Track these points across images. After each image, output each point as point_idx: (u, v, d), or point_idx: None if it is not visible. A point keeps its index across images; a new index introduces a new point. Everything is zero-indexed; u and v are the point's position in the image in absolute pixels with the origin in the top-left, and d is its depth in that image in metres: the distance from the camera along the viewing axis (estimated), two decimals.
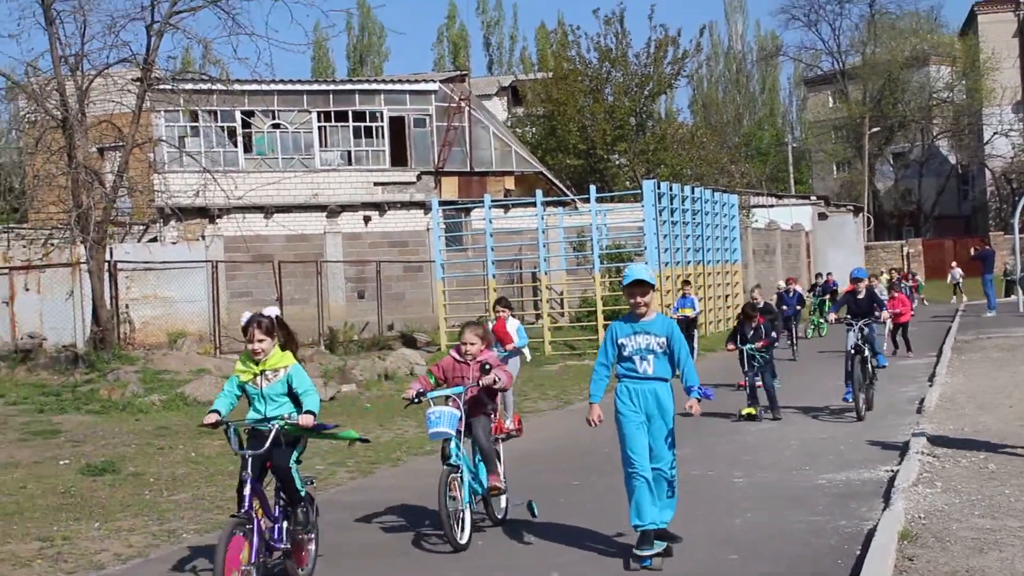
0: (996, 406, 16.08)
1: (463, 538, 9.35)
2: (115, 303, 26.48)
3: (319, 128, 38.75)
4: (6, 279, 28.55)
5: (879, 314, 17.10)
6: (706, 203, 35.66)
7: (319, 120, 38.73)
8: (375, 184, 38.94)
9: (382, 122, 39.26)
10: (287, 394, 8.35)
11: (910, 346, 26.05)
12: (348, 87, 40.57)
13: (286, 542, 8.30)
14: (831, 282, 34.57)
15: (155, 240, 34.96)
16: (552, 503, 11.12)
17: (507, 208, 36.68)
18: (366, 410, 19.66)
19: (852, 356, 16.24)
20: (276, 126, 38.38)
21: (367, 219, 38.45)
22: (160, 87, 26.64)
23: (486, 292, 31.17)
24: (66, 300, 27.48)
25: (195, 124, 37.25)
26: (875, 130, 75.51)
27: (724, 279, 37.35)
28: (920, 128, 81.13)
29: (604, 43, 49.44)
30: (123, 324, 27.65)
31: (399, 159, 39.51)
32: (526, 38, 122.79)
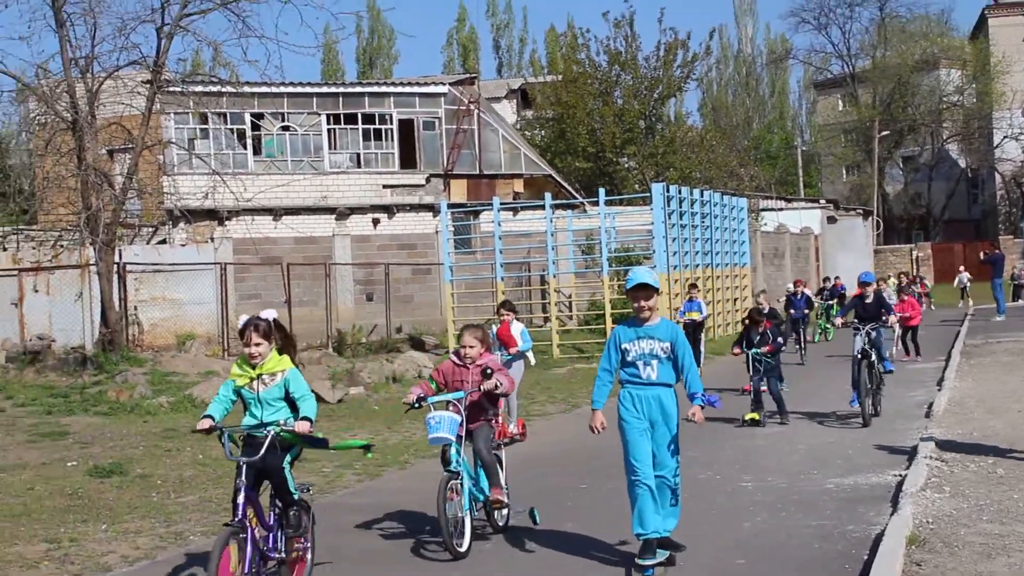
0: (1005, 410, 16.03)
1: (463, 546, 9.23)
2: (124, 305, 26.52)
3: (328, 130, 38.78)
4: (15, 281, 28.61)
5: (887, 319, 17.07)
6: (715, 206, 35.61)
7: (328, 122, 38.75)
8: (384, 187, 38.96)
9: (391, 125, 39.28)
10: (284, 399, 8.22)
11: (919, 350, 26.02)
12: (358, 90, 40.58)
13: (281, 551, 8.18)
14: (839, 286, 34.47)
15: (164, 242, 35.02)
16: (560, 506, 11.12)
17: (516, 211, 36.68)
18: (373, 412, 19.68)
19: (859, 361, 16.14)
20: (285, 128, 38.41)
21: (376, 221, 38.47)
22: (170, 89, 26.71)
23: (494, 295, 31.16)
24: (75, 302, 27.53)
25: (204, 126, 37.31)
26: (885, 133, 75.46)
27: (733, 282, 37.31)
28: (930, 132, 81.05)
29: (614, 46, 49.48)
30: (132, 326, 27.69)
31: (408, 162, 39.54)
32: (536, 41, 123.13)
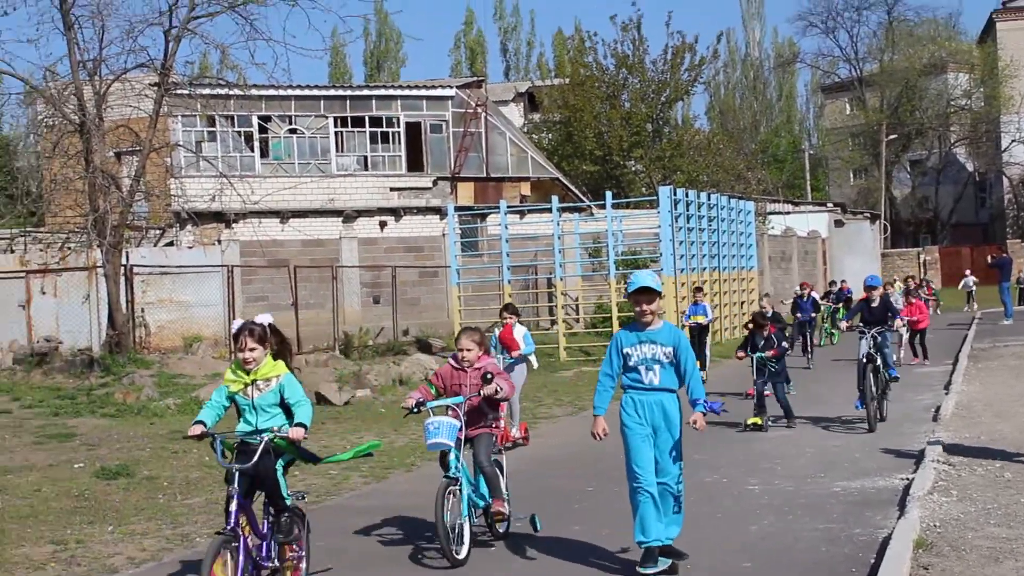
0: (1013, 414, 15.99)
1: (461, 553, 9.08)
2: (131, 307, 26.55)
3: (336, 133, 38.81)
4: (23, 282, 28.64)
5: (893, 323, 16.95)
6: (722, 210, 35.56)
7: (336, 125, 38.78)
8: (391, 189, 38.98)
9: (399, 127, 39.31)
10: (279, 405, 8.07)
11: (927, 353, 25.97)
12: (365, 92, 40.61)
13: (275, 560, 8.03)
14: (845, 289, 34.31)
15: (171, 244, 35.05)
16: (566, 509, 11.11)
17: (523, 214, 36.68)
18: (380, 414, 19.68)
19: (864, 366, 15.95)
20: (293, 131, 38.45)
21: (383, 224, 38.48)
22: (177, 92, 26.73)
23: (501, 298, 31.13)
24: (82, 304, 27.55)
25: (212, 129, 37.34)
26: (892, 137, 75.34)
27: (740, 286, 37.28)
28: (937, 135, 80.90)
29: (621, 49, 49.40)
30: (139, 328, 27.72)
31: (415, 165, 39.56)
32: (543, 44, 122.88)
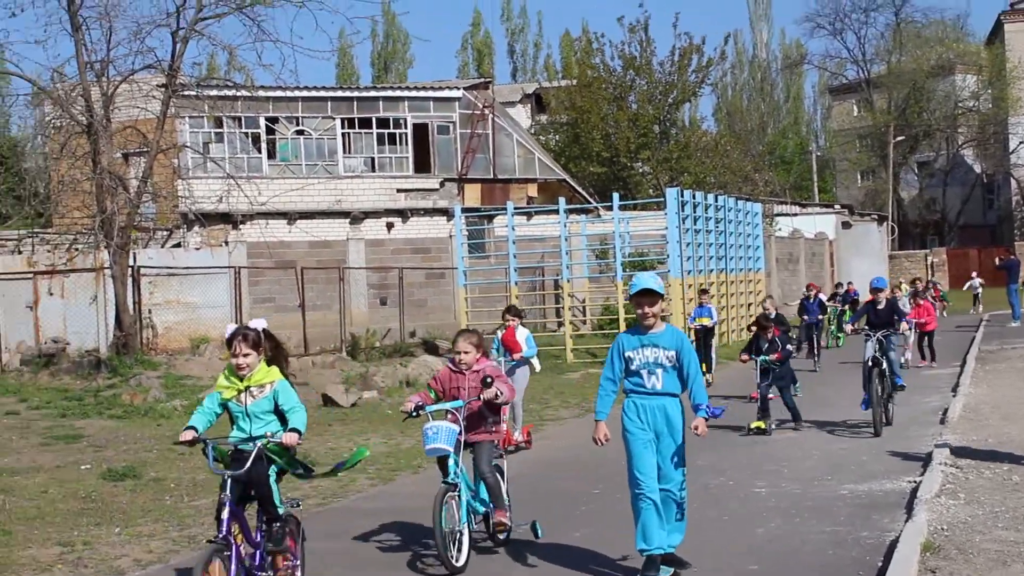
0: (1021, 417, 15.94)
1: (460, 560, 8.93)
2: (138, 308, 26.60)
3: (343, 135, 38.84)
4: (30, 284, 28.69)
5: (899, 326, 16.82)
6: (729, 211, 35.51)
7: (343, 127, 38.82)
8: (398, 191, 39.00)
9: (406, 129, 39.33)
10: (273, 411, 7.91)
11: (935, 355, 25.89)
12: (372, 94, 40.64)
13: (268, 569, 7.87)
14: (852, 291, 34.12)
15: (178, 245, 35.08)
16: (572, 511, 11.11)
17: (530, 215, 36.66)
18: (387, 416, 19.66)
19: (870, 369, 15.79)
20: (300, 132, 38.48)
21: (390, 226, 38.49)
22: (185, 93, 26.79)
23: (508, 299, 31.11)
24: (89, 305, 27.60)
25: (219, 130, 37.38)
26: (900, 139, 75.23)
27: (747, 287, 37.23)
28: (945, 137, 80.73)
29: (628, 51, 49.44)
30: (146, 329, 27.76)
31: (422, 166, 39.57)
32: (550, 46, 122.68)
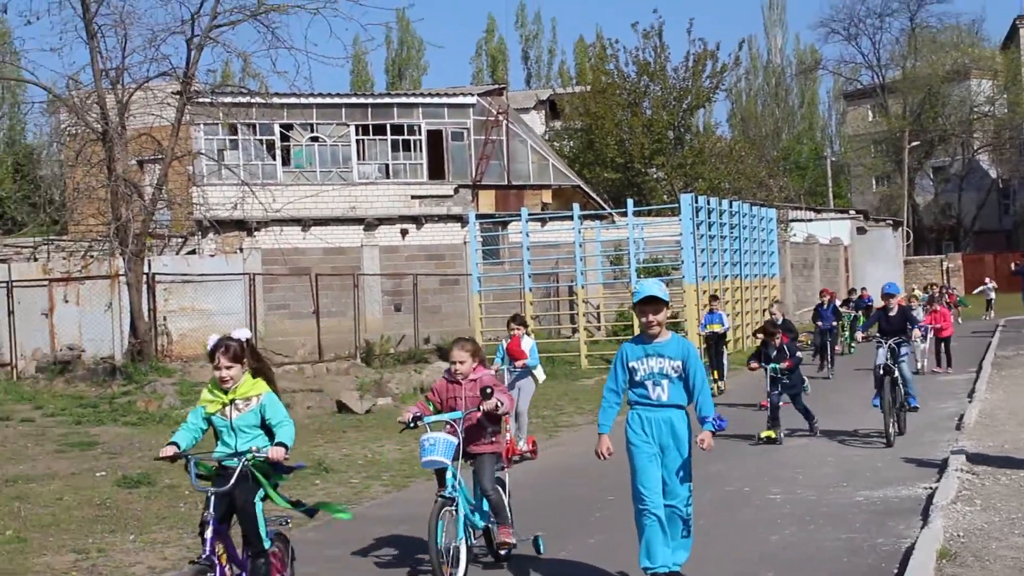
0: None
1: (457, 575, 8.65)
2: (153, 315, 26.65)
3: (357, 141, 38.86)
4: (46, 291, 28.78)
5: (911, 333, 16.49)
6: (744, 217, 35.45)
7: (357, 133, 38.84)
8: (412, 197, 39.00)
9: (420, 135, 39.33)
10: (260, 426, 7.55)
11: (951, 361, 25.74)
12: (386, 100, 40.66)
13: None
14: (865, 297, 33.93)
15: (193, 252, 35.13)
16: (586, 518, 11.08)
17: (544, 221, 36.65)
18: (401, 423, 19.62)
19: (881, 377, 15.50)
20: (314, 139, 38.52)
21: (404, 232, 38.50)
22: (199, 100, 26.83)
23: (523, 305, 31.15)
24: (104, 312, 27.67)
25: (234, 137, 37.43)
26: (915, 144, 75.04)
27: (762, 293, 37.16)
28: (960, 142, 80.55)
29: (642, 57, 49.38)
30: (161, 336, 27.81)
31: (437, 172, 39.57)
32: (564, 52, 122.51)
